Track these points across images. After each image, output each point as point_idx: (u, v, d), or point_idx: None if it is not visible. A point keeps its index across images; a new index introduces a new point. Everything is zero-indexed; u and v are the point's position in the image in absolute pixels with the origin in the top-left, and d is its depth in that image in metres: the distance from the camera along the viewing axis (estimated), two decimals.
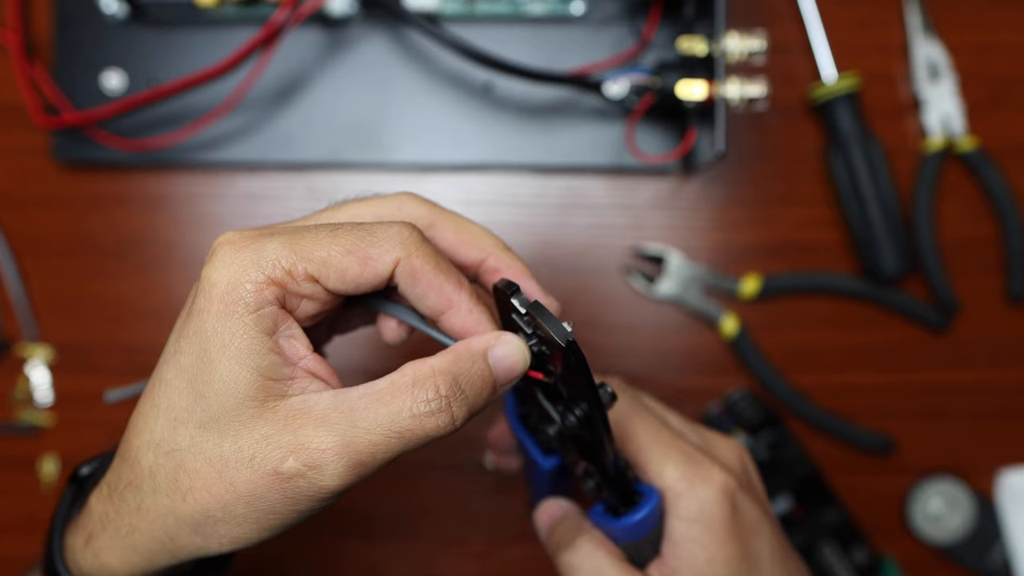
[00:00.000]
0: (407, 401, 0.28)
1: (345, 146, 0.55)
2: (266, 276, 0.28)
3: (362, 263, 0.29)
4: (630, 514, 0.35)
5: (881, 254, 0.54)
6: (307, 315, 0.30)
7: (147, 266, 0.56)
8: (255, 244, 0.29)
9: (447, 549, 0.56)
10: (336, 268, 0.29)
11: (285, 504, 0.28)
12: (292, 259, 0.29)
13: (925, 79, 0.55)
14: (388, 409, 0.28)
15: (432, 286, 0.30)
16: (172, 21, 0.55)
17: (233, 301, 0.28)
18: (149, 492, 0.29)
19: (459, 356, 0.30)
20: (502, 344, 0.30)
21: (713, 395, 0.56)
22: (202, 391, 0.28)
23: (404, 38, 0.55)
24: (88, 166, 0.55)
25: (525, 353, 0.31)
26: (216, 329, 0.28)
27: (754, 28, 0.50)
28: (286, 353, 0.29)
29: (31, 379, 0.55)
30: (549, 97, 0.55)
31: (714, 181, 0.56)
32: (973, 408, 0.56)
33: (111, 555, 0.31)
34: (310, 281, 0.29)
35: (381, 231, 0.30)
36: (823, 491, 0.54)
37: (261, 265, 0.28)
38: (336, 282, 0.29)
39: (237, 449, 0.28)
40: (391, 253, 0.29)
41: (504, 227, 0.56)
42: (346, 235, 0.29)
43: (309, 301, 0.30)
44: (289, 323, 0.29)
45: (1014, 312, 0.56)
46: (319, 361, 0.30)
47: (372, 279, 0.30)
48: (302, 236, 0.29)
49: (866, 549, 0.53)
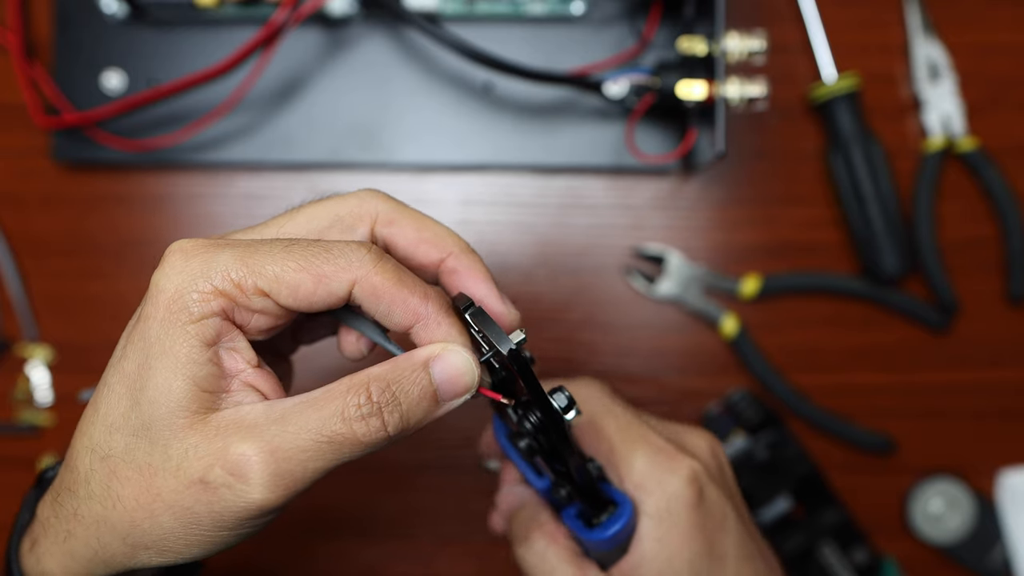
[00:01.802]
0: (337, 406, 0.28)
1: (345, 146, 0.55)
2: (213, 287, 0.28)
3: (315, 280, 0.28)
4: (602, 527, 0.34)
5: (881, 254, 0.54)
6: (259, 329, 0.29)
7: (147, 266, 0.55)
8: (206, 254, 0.28)
9: (446, 549, 0.56)
10: (288, 284, 0.28)
11: (211, 517, 0.28)
12: (242, 272, 0.28)
13: (925, 79, 0.55)
14: (319, 414, 0.28)
15: (396, 302, 0.29)
16: (172, 21, 0.55)
17: (178, 309, 0.28)
18: (84, 498, 0.29)
19: (397, 365, 0.29)
20: (444, 356, 0.29)
21: (713, 395, 0.56)
22: (138, 398, 0.28)
23: (404, 38, 0.55)
24: (88, 166, 0.55)
25: (472, 367, 0.30)
26: (158, 336, 0.28)
27: (754, 28, 0.50)
28: (224, 365, 0.29)
29: (31, 379, 0.55)
30: (549, 97, 0.55)
31: (714, 181, 0.56)
32: (973, 408, 0.56)
33: (52, 560, 0.30)
34: (261, 296, 0.28)
35: (337, 249, 0.29)
36: (823, 491, 0.54)
37: (209, 276, 0.28)
38: (288, 298, 0.29)
39: (166, 458, 0.28)
40: (347, 272, 0.29)
41: (504, 227, 0.56)
42: (300, 251, 0.29)
43: (261, 315, 0.29)
44: (233, 335, 0.29)
45: (1014, 312, 0.56)
46: (261, 375, 0.29)
47: (326, 297, 0.29)
48: (255, 250, 0.29)
49: (866, 549, 0.53)
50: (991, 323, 0.56)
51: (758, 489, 0.54)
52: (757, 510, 0.54)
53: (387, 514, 0.56)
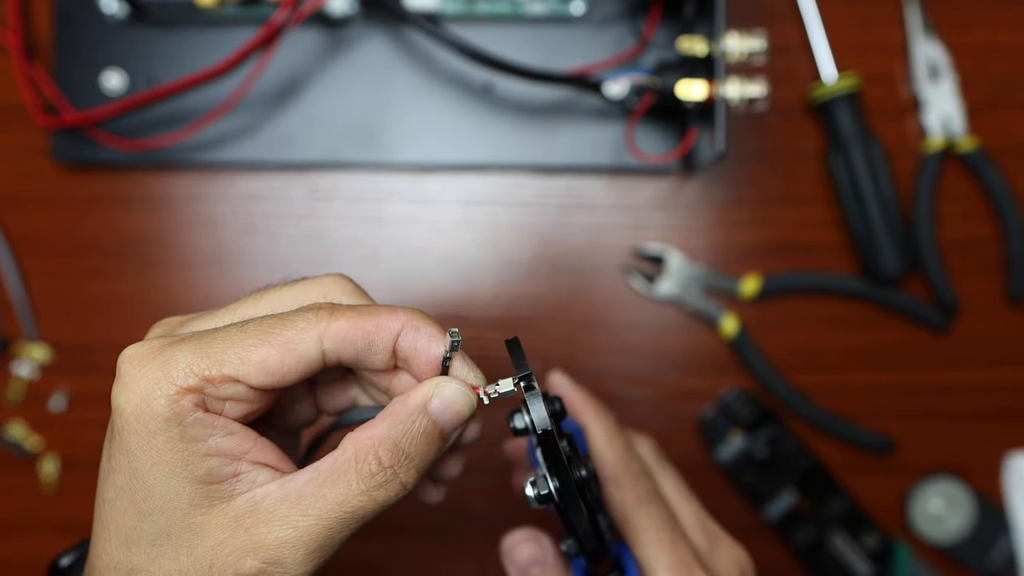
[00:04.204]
0: (352, 480, 0.28)
1: (345, 146, 0.55)
2: (178, 387, 0.27)
3: (281, 350, 0.28)
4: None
5: (881, 254, 0.54)
6: (235, 417, 0.28)
7: (147, 266, 0.56)
8: (162, 356, 0.28)
9: (447, 549, 0.56)
10: (254, 363, 0.27)
11: None
12: (204, 364, 0.27)
13: (925, 79, 0.55)
14: (335, 492, 0.28)
15: (368, 330, 0.28)
16: (172, 21, 0.55)
17: (149, 419, 0.27)
18: None
19: (396, 418, 0.28)
20: (441, 394, 0.29)
21: (713, 395, 0.56)
22: (144, 509, 0.28)
23: (404, 38, 0.55)
24: (88, 166, 0.55)
25: (469, 396, 0.29)
26: (141, 448, 0.27)
27: (754, 28, 0.50)
28: (227, 452, 0.28)
29: (22, 376, 0.55)
30: (549, 97, 0.55)
31: (714, 181, 0.56)
32: (973, 408, 0.56)
33: None
34: (230, 382, 0.27)
35: (293, 315, 0.28)
36: (827, 481, 0.54)
37: (172, 376, 0.27)
38: (259, 377, 0.28)
39: (194, 560, 0.27)
40: (309, 331, 0.28)
41: (504, 227, 0.56)
42: (256, 327, 0.28)
43: (233, 403, 0.28)
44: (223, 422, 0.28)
45: (1014, 312, 0.56)
46: (264, 448, 0.29)
47: (297, 364, 0.28)
48: (212, 338, 0.28)
49: (876, 534, 0.54)
50: (991, 323, 0.56)
51: (762, 486, 0.54)
52: (763, 507, 0.54)
53: (387, 514, 0.55)
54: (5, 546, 0.56)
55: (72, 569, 0.33)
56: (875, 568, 0.54)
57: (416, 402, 0.29)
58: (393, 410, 0.29)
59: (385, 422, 0.28)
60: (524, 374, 0.29)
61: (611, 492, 0.36)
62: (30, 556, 0.55)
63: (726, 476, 0.55)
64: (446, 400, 0.29)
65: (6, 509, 0.56)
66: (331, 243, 0.56)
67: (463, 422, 0.30)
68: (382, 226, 0.56)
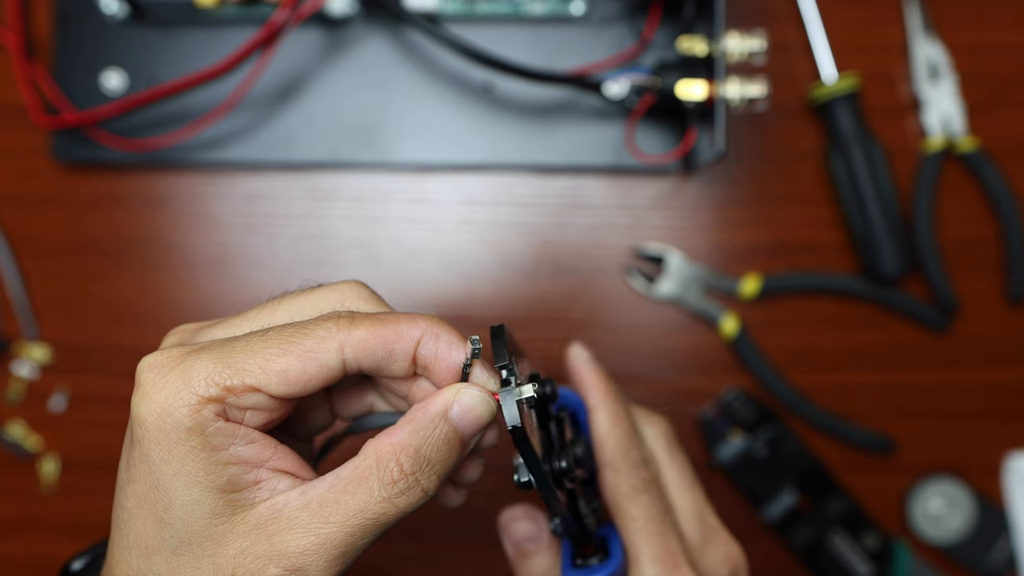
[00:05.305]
0: (374, 486, 0.28)
1: (345, 146, 0.55)
2: (199, 396, 0.27)
3: (302, 359, 0.28)
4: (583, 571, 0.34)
5: (881, 254, 0.54)
6: (255, 425, 0.28)
7: (147, 266, 0.56)
8: (182, 365, 0.27)
9: (451, 550, 0.56)
10: (276, 372, 0.27)
11: None
12: (226, 374, 0.27)
13: (925, 79, 0.55)
14: (356, 499, 0.27)
15: (388, 338, 0.29)
16: (172, 21, 0.55)
17: (171, 429, 0.27)
18: None
19: (417, 425, 0.28)
20: (462, 400, 0.29)
21: (713, 395, 0.56)
22: (165, 519, 0.27)
23: (404, 38, 0.55)
24: (88, 166, 0.55)
25: (488, 402, 0.29)
26: (163, 457, 0.27)
27: (754, 28, 0.50)
28: (248, 460, 0.28)
29: (22, 376, 0.56)
30: (549, 97, 0.55)
31: (714, 181, 0.56)
32: (973, 408, 0.56)
33: None
34: (251, 392, 0.27)
35: (312, 323, 0.28)
36: (827, 481, 0.54)
37: (193, 386, 0.27)
38: (280, 386, 0.27)
39: (216, 568, 0.27)
40: (330, 340, 0.28)
41: (504, 227, 0.56)
42: (276, 336, 0.28)
43: (254, 412, 0.28)
44: (244, 431, 0.28)
45: (1014, 312, 0.56)
46: (285, 455, 0.29)
47: (319, 374, 0.28)
48: (232, 348, 0.28)
49: (876, 534, 0.54)
50: (991, 323, 0.56)
51: (762, 486, 0.54)
52: (763, 507, 0.54)
53: None
54: (5, 546, 0.56)
55: (84, 573, 0.33)
56: (875, 568, 0.54)
57: (437, 409, 0.29)
58: (414, 417, 0.29)
59: (406, 429, 0.28)
60: (502, 364, 0.29)
61: (606, 477, 0.36)
62: (30, 556, 0.55)
63: (726, 476, 0.55)
64: (466, 406, 0.29)
65: (6, 509, 0.56)
66: (331, 243, 0.56)
67: (483, 428, 0.30)
68: (382, 226, 0.56)
